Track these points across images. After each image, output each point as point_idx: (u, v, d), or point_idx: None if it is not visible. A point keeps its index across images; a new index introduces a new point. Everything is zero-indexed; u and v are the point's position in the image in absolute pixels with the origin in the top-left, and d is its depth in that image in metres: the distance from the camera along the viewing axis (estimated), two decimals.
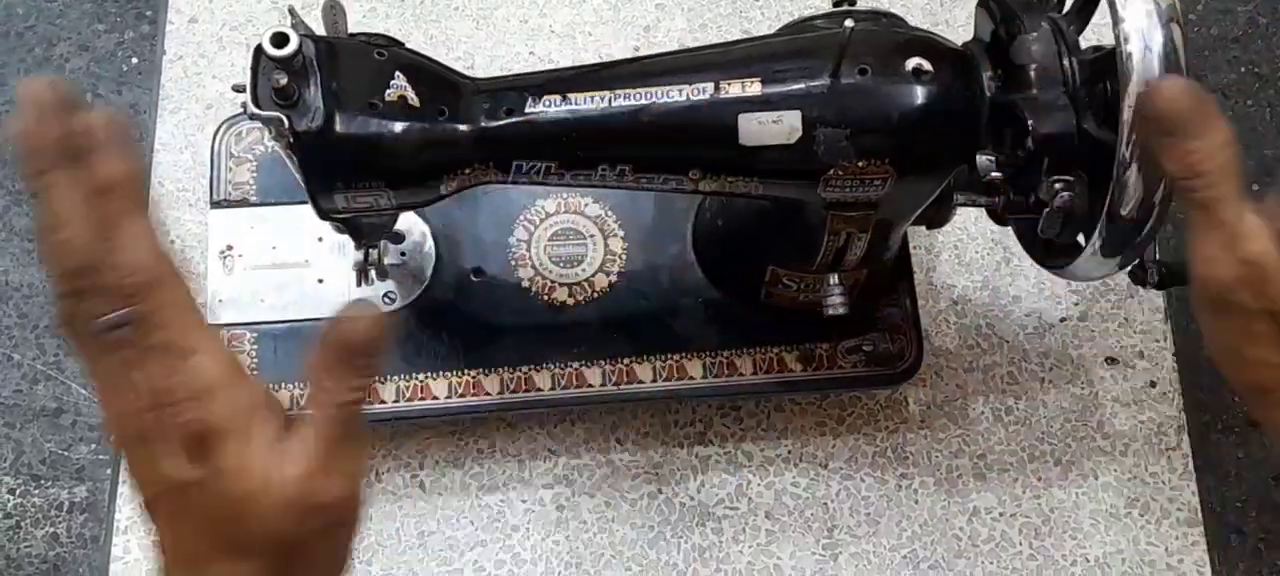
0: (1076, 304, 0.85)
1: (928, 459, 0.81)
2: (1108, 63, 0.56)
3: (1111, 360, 0.84)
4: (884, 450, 0.81)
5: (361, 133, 0.56)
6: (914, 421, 0.82)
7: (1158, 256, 0.70)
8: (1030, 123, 0.56)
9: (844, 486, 0.80)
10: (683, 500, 0.79)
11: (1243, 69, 0.93)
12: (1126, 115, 0.54)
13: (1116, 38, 0.54)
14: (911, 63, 0.57)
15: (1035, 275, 0.85)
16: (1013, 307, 0.85)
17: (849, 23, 0.56)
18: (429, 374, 0.74)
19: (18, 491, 0.77)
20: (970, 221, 0.86)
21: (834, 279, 0.69)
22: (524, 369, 0.75)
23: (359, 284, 0.73)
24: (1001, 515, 0.80)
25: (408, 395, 0.74)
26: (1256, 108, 0.92)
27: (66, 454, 0.78)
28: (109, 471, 0.78)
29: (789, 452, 0.81)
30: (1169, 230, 0.88)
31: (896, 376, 0.77)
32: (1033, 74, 0.57)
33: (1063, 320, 0.85)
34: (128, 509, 0.77)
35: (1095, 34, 0.61)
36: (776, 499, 0.79)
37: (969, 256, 0.86)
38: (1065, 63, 0.58)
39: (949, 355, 0.84)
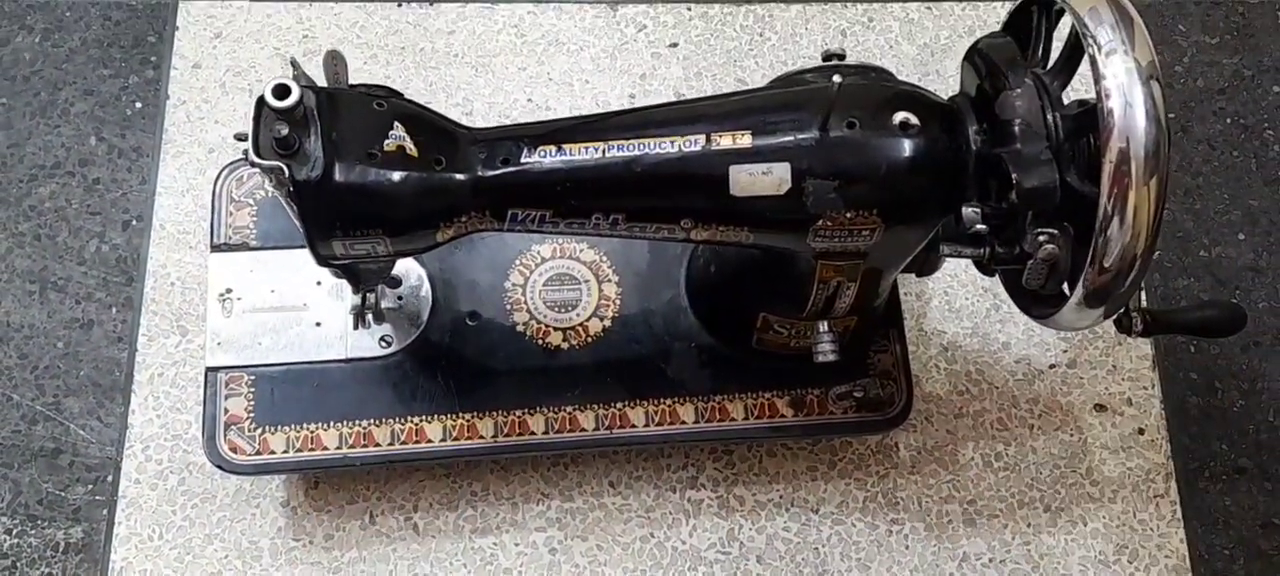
0: (1065, 351, 0.86)
1: (918, 504, 0.82)
2: (1090, 118, 0.57)
3: (1100, 407, 0.85)
4: (875, 495, 0.82)
5: (360, 182, 0.57)
6: (904, 467, 0.83)
7: (1143, 305, 0.71)
8: (1014, 176, 0.57)
9: (835, 531, 0.81)
10: (675, 544, 0.80)
11: (1228, 120, 0.95)
12: (1108, 169, 0.55)
13: (1098, 94, 0.55)
14: (899, 116, 0.59)
15: (1024, 322, 0.86)
16: (1002, 354, 0.86)
17: (836, 78, 0.57)
18: (424, 417, 0.75)
19: (14, 531, 0.78)
20: (960, 269, 0.87)
21: (824, 326, 0.70)
22: (518, 412, 0.75)
23: (356, 327, 0.74)
24: (991, 561, 0.80)
25: (402, 438, 0.74)
26: (1242, 157, 0.94)
27: (63, 494, 0.79)
28: (104, 512, 0.78)
29: (780, 497, 0.81)
30: (1156, 278, 0.89)
31: (887, 422, 0.78)
32: (1017, 128, 0.58)
33: (1052, 367, 0.86)
34: (123, 550, 0.77)
35: (1082, 85, 0.62)
36: (768, 543, 0.80)
37: (959, 303, 0.87)
38: (1049, 118, 0.59)
39: (939, 401, 0.84)
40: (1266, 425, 0.85)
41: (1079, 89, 0.62)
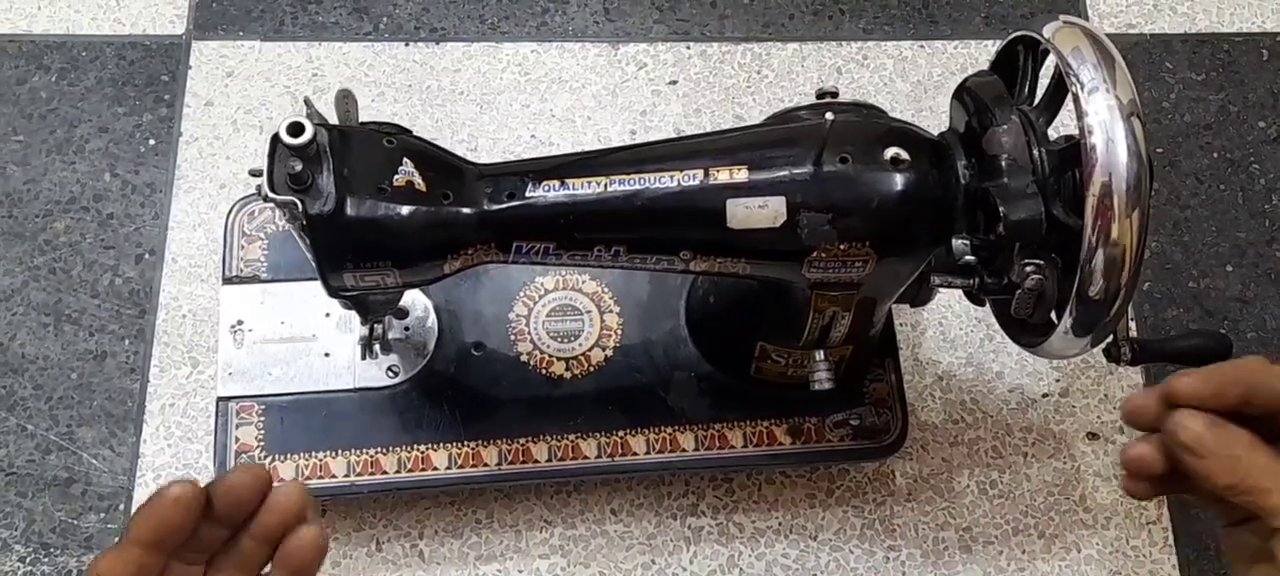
0: (1058, 380, 0.88)
1: (914, 531, 0.83)
2: (1074, 153, 0.59)
3: (1093, 435, 0.87)
4: (872, 522, 0.83)
5: (370, 216, 0.59)
6: (901, 494, 0.84)
7: (1132, 334, 0.73)
8: (1001, 209, 0.59)
9: (833, 558, 0.82)
10: (676, 571, 0.81)
11: (1215, 155, 0.97)
12: (1092, 202, 0.57)
13: (1081, 131, 0.57)
14: (890, 152, 0.61)
15: (1017, 352, 0.88)
16: (996, 383, 0.88)
17: (829, 115, 0.59)
18: (430, 445, 0.76)
19: (28, 559, 0.79)
20: (954, 299, 0.89)
21: (820, 355, 0.72)
22: (522, 441, 0.77)
23: (364, 358, 0.76)
24: None
25: (409, 466, 0.76)
26: (1229, 191, 0.96)
27: (76, 523, 0.80)
28: (117, 540, 0.80)
29: (779, 524, 0.83)
30: (1146, 309, 0.91)
31: (883, 450, 0.79)
32: (1004, 163, 0.60)
33: (1045, 396, 0.88)
34: None
35: (1067, 122, 0.64)
36: (767, 570, 0.81)
37: (953, 333, 0.89)
38: (1035, 153, 0.61)
39: (934, 429, 0.86)
40: None
41: (1069, 124, 0.64)
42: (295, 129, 0.57)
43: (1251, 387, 0.50)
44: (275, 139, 0.58)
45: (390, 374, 0.78)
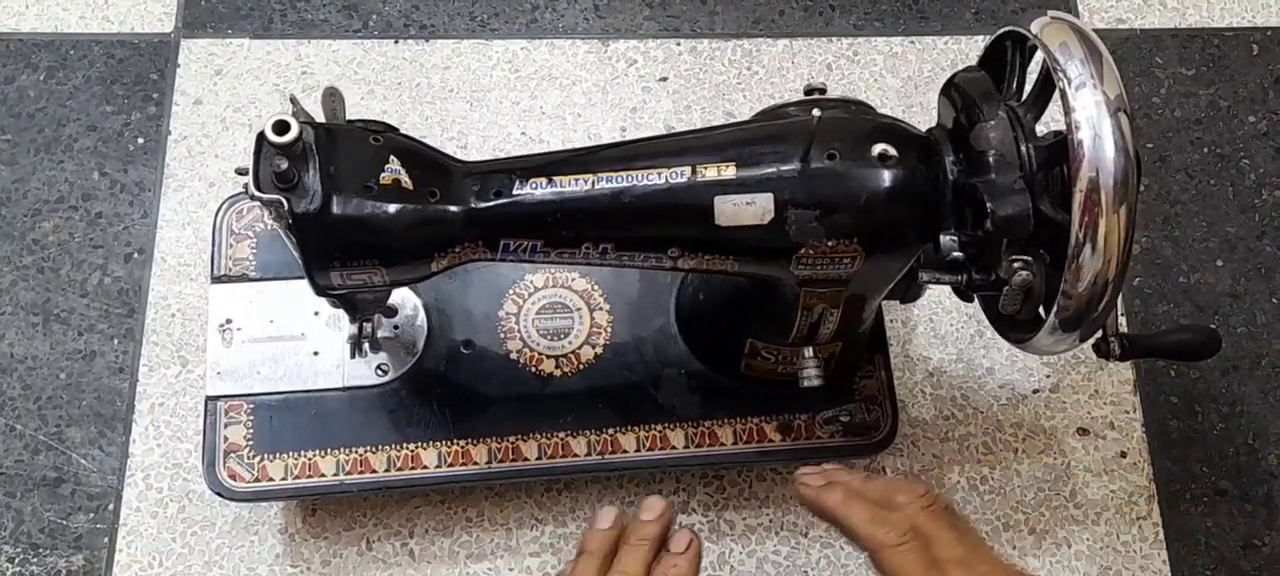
0: (1048, 376, 0.88)
1: None
2: (1062, 149, 0.59)
3: (1083, 431, 0.87)
4: None
5: (357, 214, 0.59)
6: None
7: (1122, 329, 0.73)
8: (989, 205, 0.59)
9: (824, 554, 0.82)
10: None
11: (1205, 150, 0.97)
12: (1079, 198, 0.57)
13: (1068, 126, 0.57)
14: (877, 148, 0.61)
15: (1008, 349, 0.87)
16: (986, 379, 0.88)
17: (817, 111, 0.59)
18: (419, 443, 0.76)
19: (17, 559, 0.79)
20: (945, 295, 0.89)
21: (809, 351, 0.72)
22: (511, 439, 0.77)
23: (353, 356, 0.75)
24: None
25: (398, 464, 0.76)
26: (1219, 186, 0.96)
27: (65, 523, 0.80)
28: (106, 541, 0.80)
29: (770, 521, 0.83)
30: (1136, 304, 0.91)
31: (873, 446, 0.79)
32: (991, 159, 0.60)
33: (1035, 392, 0.88)
34: None
35: (1055, 118, 0.64)
36: (758, 567, 0.81)
37: (943, 330, 0.89)
38: (1022, 149, 0.61)
39: (925, 425, 0.86)
40: (1246, 447, 0.87)
41: (1056, 120, 0.64)
42: (280, 127, 0.57)
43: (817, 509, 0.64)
44: (261, 137, 0.58)
45: (379, 372, 0.78)
